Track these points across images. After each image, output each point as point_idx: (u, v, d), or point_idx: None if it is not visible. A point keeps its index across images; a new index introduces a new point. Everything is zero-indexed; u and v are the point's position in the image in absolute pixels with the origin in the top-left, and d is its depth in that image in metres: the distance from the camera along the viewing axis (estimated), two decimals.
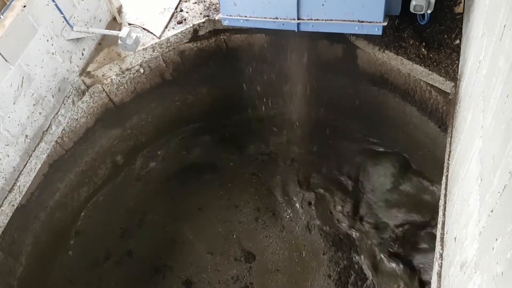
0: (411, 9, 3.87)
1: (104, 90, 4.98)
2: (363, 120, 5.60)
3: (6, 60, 3.70)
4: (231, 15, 4.47)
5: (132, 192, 5.87)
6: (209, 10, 5.13)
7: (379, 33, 3.98)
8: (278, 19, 4.26)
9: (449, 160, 3.43)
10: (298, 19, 4.17)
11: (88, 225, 5.54)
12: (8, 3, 3.69)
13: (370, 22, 3.93)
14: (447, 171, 3.37)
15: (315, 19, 4.13)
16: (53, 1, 4.05)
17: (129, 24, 5.08)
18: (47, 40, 4.13)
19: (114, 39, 4.72)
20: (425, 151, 4.96)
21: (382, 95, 4.99)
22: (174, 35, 5.01)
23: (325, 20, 4.09)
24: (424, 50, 4.18)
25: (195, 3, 5.26)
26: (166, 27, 5.06)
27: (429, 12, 3.93)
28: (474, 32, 3.24)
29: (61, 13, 4.18)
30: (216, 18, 5.01)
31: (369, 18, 3.91)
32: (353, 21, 3.98)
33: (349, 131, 5.85)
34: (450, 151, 3.46)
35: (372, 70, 4.81)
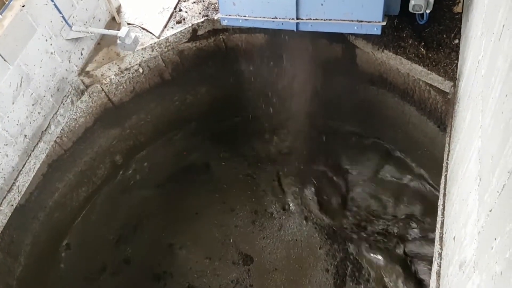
0: (410, 8, 3.88)
1: (103, 90, 4.98)
2: (362, 119, 5.60)
3: (5, 60, 3.69)
4: (230, 15, 4.47)
5: (128, 197, 5.81)
6: (208, 10, 5.13)
7: (378, 32, 3.98)
8: (277, 18, 4.27)
9: (448, 159, 3.43)
10: (297, 18, 4.17)
11: (79, 236, 5.42)
12: (7, 2, 3.68)
13: (369, 22, 3.93)
14: (446, 170, 3.38)
15: (314, 19, 4.13)
16: (52, 0, 4.04)
17: (128, 24, 5.07)
18: (46, 40, 4.13)
19: (113, 38, 4.71)
20: (424, 151, 4.97)
21: (381, 94, 4.99)
22: (173, 34, 5.01)
23: (324, 20, 4.09)
24: (423, 49, 4.18)
25: (194, 2, 5.26)
26: (165, 26, 5.05)
27: (428, 11, 3.93)
28: (473, 32, 3.24)
29: (60, 12, 4.17)
30: (215, 17, 5.01)
31: (368, 18, 3.92)
32: (352, 20, 3.98)
33: (347, 130, 5.85)
34: (449, 151, 3.46)
35: (371, 69, 4.81)
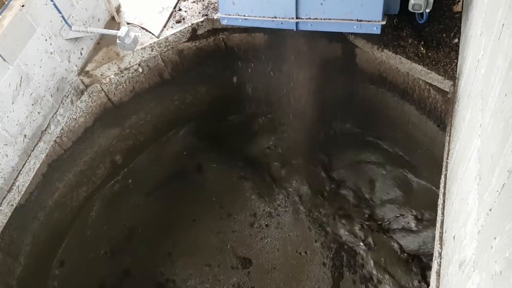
0: (410, 8, 3.87)
1: (102, 89, 4.98)
2: (362, 119, 5.59)
3: (4, 59, 3.69)
4: (229, 14, 4.47)
5: (125, 203, 5.77)
6: (208, 9, 5.13)
7: (378, 32, 3.98)
8: (276, 18, 4.26)
9: (447, 159, 3.43)
10: (297, 18, 4.17)
11: (72, 251, 5.31)
12: (7, 2, 3.68)
13: (368, 21, 3.93)
14: (446, 170, 3.38)
15: (313, 18, 4.13)
16: (51, 0, 4.03)
17: (128, 24, 5.07)
18: (46, 40, 4.13)
19: (113, 38, 4.71)
20: (424, 150, 4.97)
21: (381, 94, 4.99)
22: (172, 34, 5.00)
23: (324, 19, 4.09)
24: (422, 49, 4.18)
25: (194, 2, 5.26)
26: (164, 26, 5.05)
27: (427, 11, 3.93)
28: (472, 31, 3.24)
29: (60, 12, 4.17)
30: (215, 17, 5.01)
31: (367, 17, 3.91)
32: (352, 20, 3.98)
33: (346, 129, 5.85)
34: (449, 150, 3.46)
35: (371, 69, 4.81)
